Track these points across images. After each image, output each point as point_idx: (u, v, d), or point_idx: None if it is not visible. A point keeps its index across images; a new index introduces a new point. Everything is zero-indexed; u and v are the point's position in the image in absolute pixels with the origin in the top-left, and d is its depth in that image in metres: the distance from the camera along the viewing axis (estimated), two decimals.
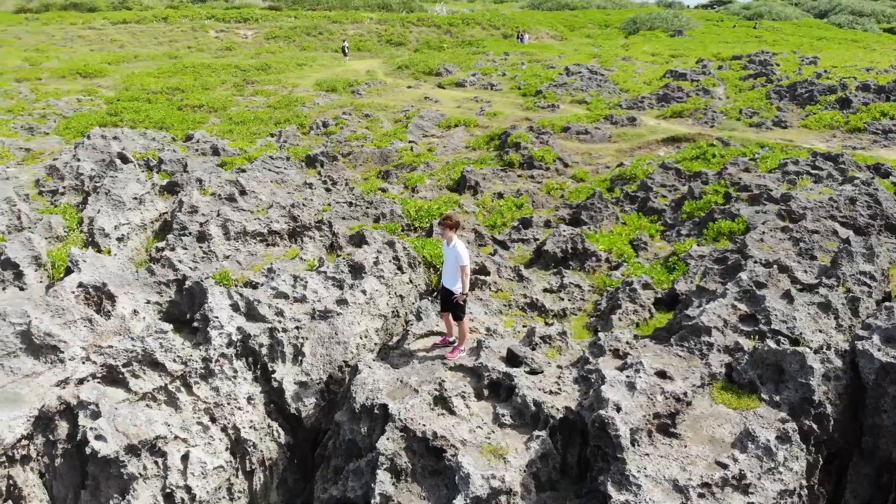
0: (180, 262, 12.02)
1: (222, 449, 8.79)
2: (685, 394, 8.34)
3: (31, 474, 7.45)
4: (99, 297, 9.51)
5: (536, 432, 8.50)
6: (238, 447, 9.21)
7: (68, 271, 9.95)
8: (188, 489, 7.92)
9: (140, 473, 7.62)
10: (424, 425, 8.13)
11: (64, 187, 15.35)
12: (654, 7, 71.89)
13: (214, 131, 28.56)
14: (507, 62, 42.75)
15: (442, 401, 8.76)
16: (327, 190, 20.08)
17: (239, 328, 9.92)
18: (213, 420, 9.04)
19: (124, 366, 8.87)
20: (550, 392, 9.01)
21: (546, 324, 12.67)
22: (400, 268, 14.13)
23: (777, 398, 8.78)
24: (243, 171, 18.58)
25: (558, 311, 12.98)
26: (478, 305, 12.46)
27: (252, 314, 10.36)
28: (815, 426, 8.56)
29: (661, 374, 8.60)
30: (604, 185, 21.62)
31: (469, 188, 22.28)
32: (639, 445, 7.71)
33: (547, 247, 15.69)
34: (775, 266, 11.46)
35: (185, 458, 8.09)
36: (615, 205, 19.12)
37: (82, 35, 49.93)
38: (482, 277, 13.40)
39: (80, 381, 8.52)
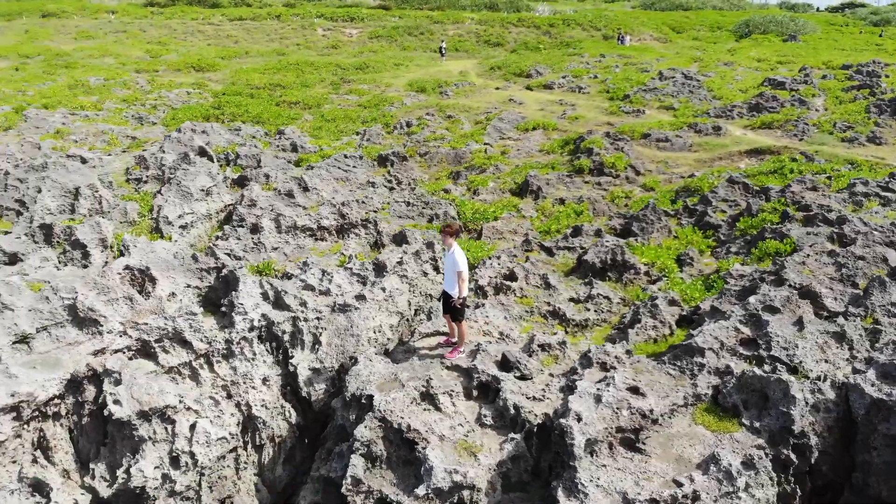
0: (231, 251, 13.31)
1: (232, 423, 9.84)
2: (652, 410, 8.54)
3: (60, 429, 8.77)
4: (142, 279, 10.84)
5: (512, 435, 8.97)
6: (249, 423, 10.25)
7: (121, 254, 11.37)
8: (192, 455, 9.01)
9: (149, 437, 8.78)
10: (402, 417, 8.80)
11: (147, 176, 17.12)
12: (773, 9, 68.51)
13: (305, 128, 30.33)
14: (601, 65, 42.37)
15: (428, 397, 9.40)
16: (390, 189, 21.08)
17: (263, 315, 10.97)
18: (229, 396, 10.12)
19: (156, 341, 10.11)
20: (534, 398, 9.43)
21: (567, 333, 12.98)
22: (437, 268, 14.87)
23: (757, 424, 8.78)
24: (311, 168, 19.88)
25: (580, 321, 13.23)
26: (498, 310, 12.95)
27: (279, 303, 11.39)
28: (793, 456, 8.51)
29: (634, 390, 8.83)
30: (668, 196, 21.35)
31: (531, 192, 22.60)
32: (596, 456, 8.03)
33: (587, 256, 15.88)
34: (796, 291, 11.23)
35: (192, 427, 9.19)
36: (671, 217, 18.92)
37: (201, 30, 53.81)
38: (508, 283, 13.86)
39: (115, 352, 9.82)
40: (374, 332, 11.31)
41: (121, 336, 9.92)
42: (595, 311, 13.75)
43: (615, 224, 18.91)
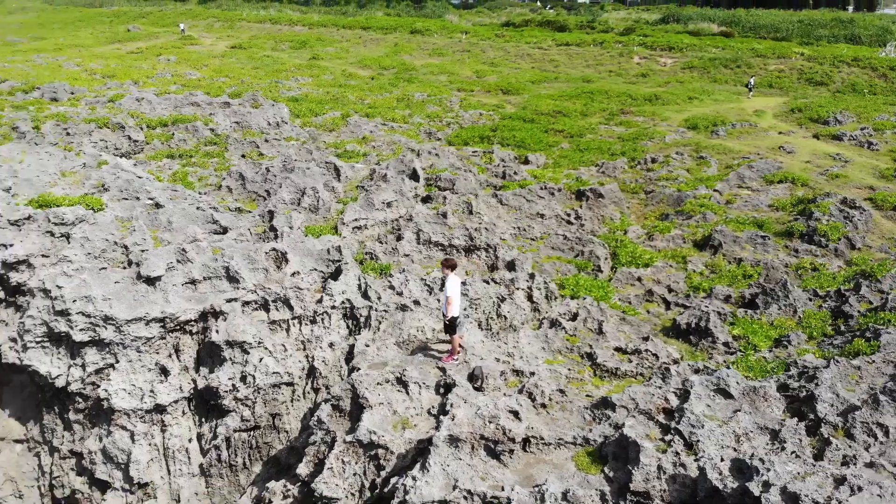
0: (372, 251, 18.12)
1: (295, 367, 14.57)
2: (516, 433, 10.80)
3: (190, 340, 14.45)
4: (280, 258, 16.18)
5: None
6: (313, 370, 14.89)
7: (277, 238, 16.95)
8: (253, 377, 13.96)
9: (229, 358, 13.92)
10: (365, 388, 12.48)
11: (369, 186, 22.90)
12: None
13: (553, 155, 33.87)
14: None
15: (402, 382, 12.86)
16: (566, 223, 23.78)
17: (347, 299, 15.49)
18: (302, 349, 14.89)
19: (272, 301, 15.33)
20: (465, 401, 12.20)
21: (594, 375, 14.82)
22: (530, 297, 17.64)
23: (611, 474, 10.36)
24: (495, 195, 23.71)
25: (612, 368, 14.87)
26: (540, 341, 15.44)
27: (365, 293, 15.80)
28: None
29: (514, 414, 11.11)
30: (847, 275, 20.15)
31: (711, 247, 23.10)
32: (458, 448, 10.71)
33: (680, 318, 17.05)
34: (777, 387, 11.68)
35: (260, 360, 14.14)
36: (818, 299, 18.30)
37: (530, 53, 60.23)
38: (565, 321, 16.09)
39: (245, 304, 15.28)
40: (416, 331, 14.95)
41: (251, 293, 15.34)
42: (636, 364, 15.18)
43: (751, 292, 18.90)
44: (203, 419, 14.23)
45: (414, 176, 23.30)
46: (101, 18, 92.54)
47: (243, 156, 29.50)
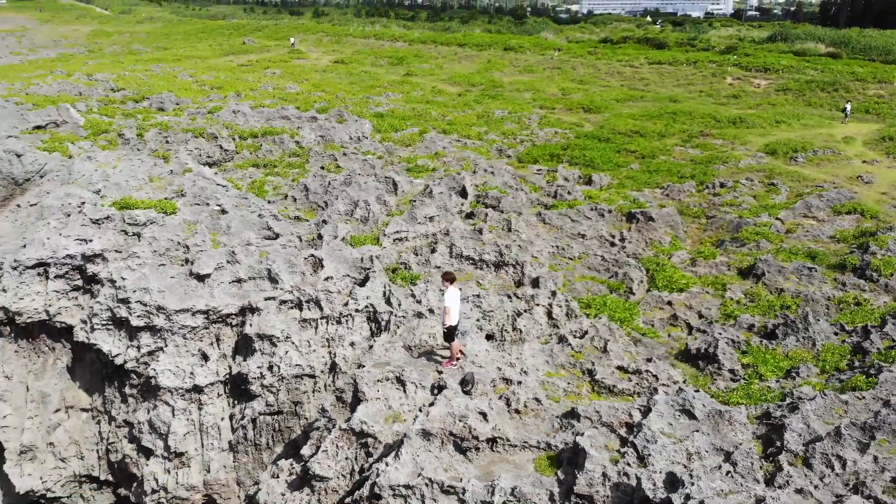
0: (406, 262, 19.76)
1: (318, 362, 16.37)
2: (494, 428, 12.01)
3: (230, 331, 16.55)
4: (317, 263, 18.08)
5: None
6: (335, 366, 16.65)
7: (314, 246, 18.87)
8: (279, 368, 15.84)
9: (259, 349, 15.87)
10: (365, 384, 14.04)
11: (419, 200, 24.60)
12: None
13: (620, 176, 34.34)
14: None
15: (400, 381, 14.34)
16: (610, 245, 24.50)
17: (370, 304, 17.18)
18: (326, 346, 16.69)
19: (305, 301, 17.25)
20: (465, 401, 13.48)
21: (592, 391, 15.70)
22: (550, 313, 18.68)
23: (562, 477, 11.38)
24: (540, 213, 24.77)
25: (609, 385, 15.69)
26: (544, 355, 16.48)
27: (388, 299, 17.43)
28: None
29: (483, 416, 12.31)
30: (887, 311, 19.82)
31: (754, 276, 23.16)
32: (429, 441, 12.05)
33: (691, 343, 17.62)
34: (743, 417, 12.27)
35: (286, 353, 16.02)
36: (843, 332, 18.24)
37: (620, 72, 60.33)
38: (573, 338, 17.02)
39: (282, 302, 17.27)
40: (428, 336, 16.38)
41: (287, 293, 17.32)
42: (635, 383, 15.91)
43: (775, 323, 19.01)
44: (235, 401, 16.29)
45: (463, 193, 24.77)
46: (221, 31, 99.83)
47: (322, 167, 31.94)
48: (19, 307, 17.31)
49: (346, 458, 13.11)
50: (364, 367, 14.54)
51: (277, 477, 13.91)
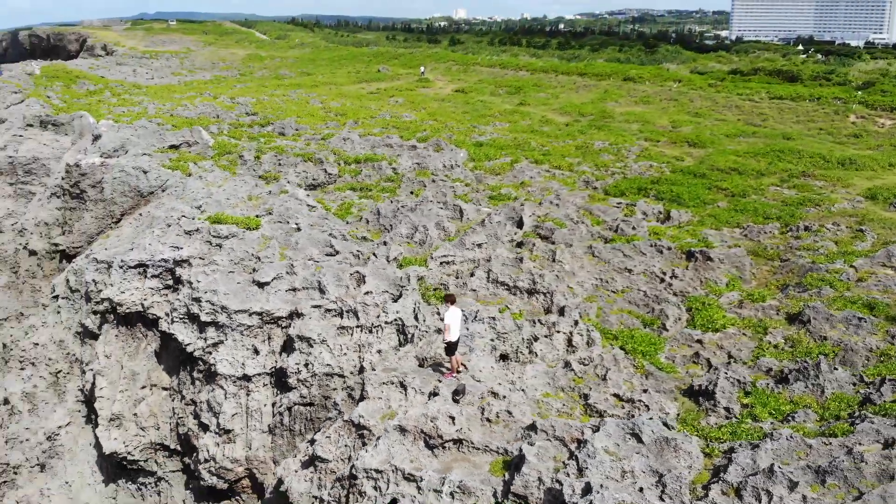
0: (444, 283, 22.09)
1: (347, 364, 19.01)
2: (459, 430, 14.00)
3: (280, 332, 19.54)
4: (360, 279, 20.78)
5: None
6: (362, 369, 19.22)
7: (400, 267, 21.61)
8: (312, 365, 18.59)
9: (297, 348, 18.70)
10: (371, 385, 16.43)
11: (473, 230, 26.84)
12: None
13: (704, 213, 34.60)
14: None
15: (402, 385, 16.62)
16: (659, 281, 25.43)
17: (399, 318, 19.65)
18: (357, 350, 19.32)
19: (345, 311, 20.01)
20: (442, 404, 15.51)
21: (584, 413, 17.13)
22: (570, 340, 20.24)
23: (507, 479, 13.14)
24: (591, 247, 26.15)
25: (601, 410, 17.02)
26: (547, 377, 18.10)
27: (416, 315, 19.82)
28: None
29: (451, 419, 14.27)
30: None
31: (801, 322, 23.31)
32: (403, 436, 14.20)
33: (696, 380, 18.59)
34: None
35: (319, 353, 18.75)
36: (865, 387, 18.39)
37: (739, 105, 59.29)
38: (577, 364, 18.49)
39: (327, 311, 20.12)
40: (441, 350, 18.57)
41: (332, 303, 20.16)
42: (627, 411, 17.15)
43: (789, 367, 19.29)
44: (277, 391, 19.26)
45: (519, 223, 26.73)
46: (361, 58, 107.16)
47: (412, 192, 34.97)
48: (121, 299, 21.38)
49: (345, 446, 15.56)
50: (374, 370, 16.98)
51: (296, 456, 16.61)
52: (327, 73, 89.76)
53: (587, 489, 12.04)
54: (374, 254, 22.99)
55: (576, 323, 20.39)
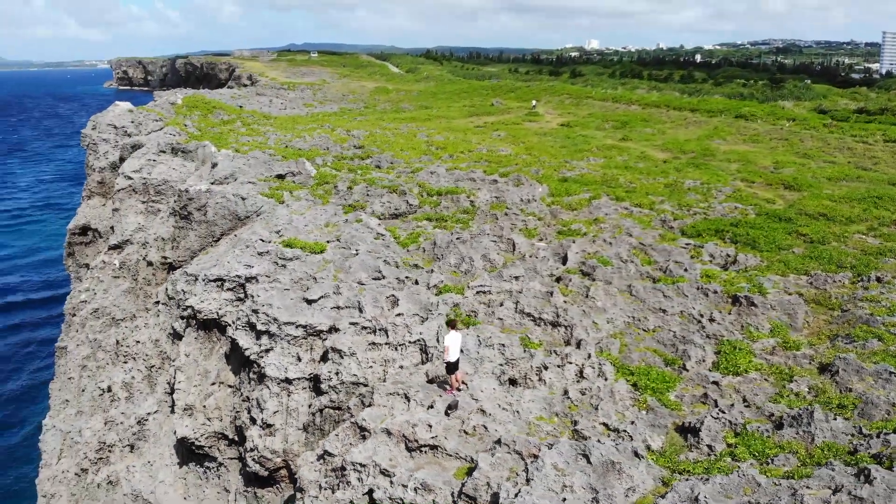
0: (475, 310, 24.46)
1: (372, 376, 21.77)
2: (434, 437, 16.32)
3: (320, 342, 22.62)
4: (394, 301, 23.53)
5: None
6: (385, 381, 21.92)
7: (439, 293, 24.34)
8: (341, 373, 21.49)
9: (331, 358, 21.68)
10: (378, 395, 19.04)
11: (514, 263, 28.97)
12: None
13: (775, 259, 34.53)
14: None
15: (406, 397, 19.10)
16: (689, 321, 26.35)
17: (422, 339, 22.24)
18: (382, 365, 22.07)
19: (378, 329, 22.85)
20: (430, 415, 17.81)
21: (574, 434, 18.78)
22: (581, 372, 21.93)
23: (465, 482, 15.23)
24: (630, 286, 27.44)
25: (587, 436, 18.55)
26: (544, 402, 19.92)
27: (437, 337, 22.29)
28: None
29: (429, 426, 16.56)
30: None
31: (830, 373, 23.61)
32: (389, 437, 16.67)
33: (687, 418, 19.77)
34: None
35: (349, 364, 21.61)
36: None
37: (851, 147, 57.11)
38: (575, 393, 20.14)
39: (363, 328, 23.04)
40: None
41: (366, 321, 23.07)
42: (612, 437, 18.56)
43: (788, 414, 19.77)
44: (313, 394, 22.32)
45: (564, 259, 28.57)
46: (480, 91, 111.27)
47: (484, 224, 37.55)
48: (201, 307, 25.40)
49: (349, 443, 18.26)
50: (385, 382, 19.63)
51: (314, 450, 19.52)
52: (443, 107, 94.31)
53: (517, 493, 13.98)
54: (416, 280, 25.72)
55: (589, 356, 22.03)
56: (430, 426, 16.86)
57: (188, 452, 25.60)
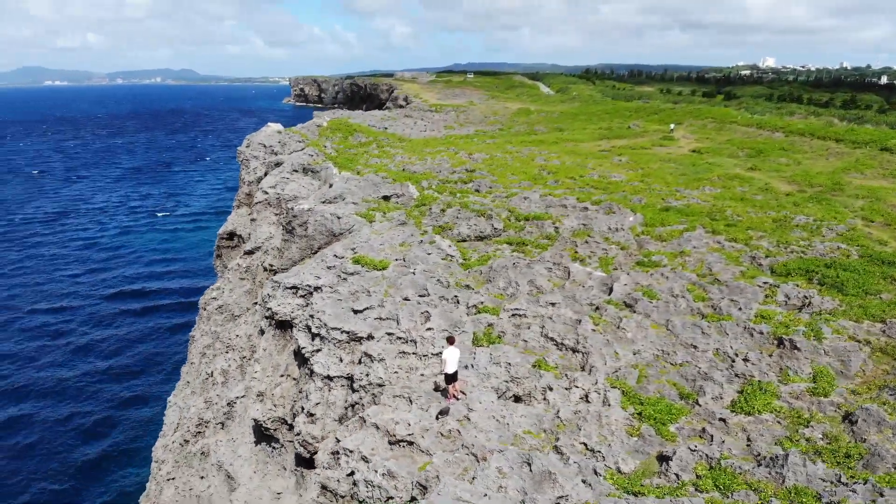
0: (503, 331, 27.13)
1: (394, 378, 25.11)
2: (410, 435, 19.35)
3: (360, 346, 26.26)
4: (427, 317, 26.65)
5: None
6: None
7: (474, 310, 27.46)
8: (370, 375, 24.95)
9: (364, 361, 25.20)
10: (385, 396, 22.29)
11: (555, 290, 31.08)
12: None
13: (854, 304, 33.73)
14: None
15: (409, 400, 22.20)
16: (721, 359, 27.14)
17: (440, 352, 25.25)
18: (408, 371, 25.34)
19: (409, 340, 26.16)
20: (418, 416, 20.74)
21: (555, 449, 20.90)
22: (586, 397, 23.89)
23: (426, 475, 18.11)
24: (668, 321, 28.61)
25: (564, 452, 20.56)
26: (535, 419, 22.14)
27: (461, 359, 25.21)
28: None
29: (408, 424, 19.51)
30: None
31: (849, 422, 23.74)
32: (377, 430, 19.86)
33: (667, 450, 21.24)
34: None
35: (377, 367, 25.04)
36: None
37: None
38: (566, 414, 22.15)
39: (398, 338, 26.47)
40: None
41: (400, 331, 26.43)
42: (587, 455, 20.44)
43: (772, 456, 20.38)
44: (349, 391, 26.01)
45: (609, 290, 30.34)
46: (621, 113, 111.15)
47: (564, 249, 39.77)
48: (277, 310, 30.04)
49: (354, 434, 21.70)
50: (393, 385, 22.88)
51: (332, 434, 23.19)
52: (577, 129, 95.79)
53: (456, 486, 16.68)
54: (457, 299, 28.73)
55: (596, 381, 23.93)
56: (409, 424, 19.89)
57: (260, 433, 30.29)
